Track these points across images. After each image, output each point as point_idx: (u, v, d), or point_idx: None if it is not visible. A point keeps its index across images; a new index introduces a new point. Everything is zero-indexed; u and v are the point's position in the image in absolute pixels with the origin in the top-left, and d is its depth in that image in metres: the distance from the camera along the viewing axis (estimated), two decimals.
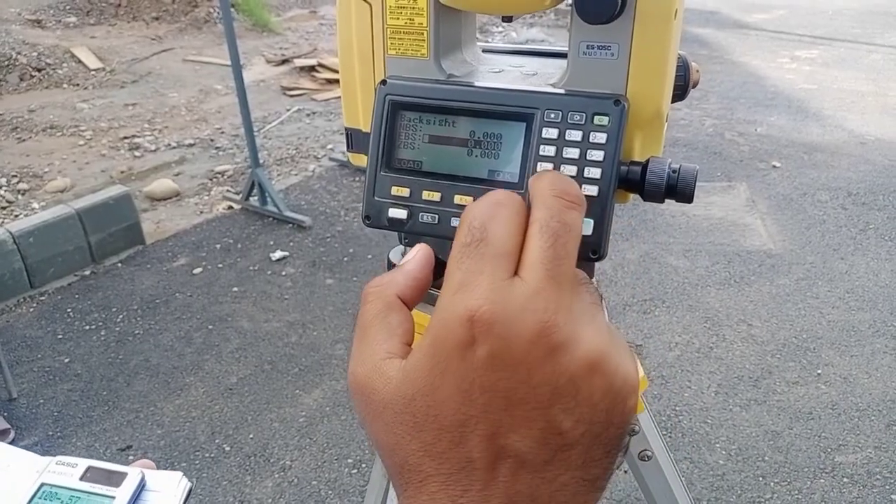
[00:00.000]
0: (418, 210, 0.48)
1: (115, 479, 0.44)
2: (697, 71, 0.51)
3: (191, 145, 4.57)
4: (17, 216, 3.61)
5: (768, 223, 3.53)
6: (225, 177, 4.15)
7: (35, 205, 3.76)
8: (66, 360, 2.65)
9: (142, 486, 0.44)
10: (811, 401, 2.42)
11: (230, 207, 3.78)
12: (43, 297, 3.02)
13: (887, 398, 2.42)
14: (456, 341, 0.31)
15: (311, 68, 5.94)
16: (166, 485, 0.44)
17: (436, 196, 0.48)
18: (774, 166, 4.14)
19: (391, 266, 0.58)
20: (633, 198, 0.50)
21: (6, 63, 5.44)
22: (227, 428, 2.34)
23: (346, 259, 3.27)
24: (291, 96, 5.47)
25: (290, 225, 3.54)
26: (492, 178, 0.47)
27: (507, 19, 0.51)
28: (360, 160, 0.58)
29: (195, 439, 2.30)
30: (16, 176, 4.04)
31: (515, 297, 0.31)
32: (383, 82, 0.50)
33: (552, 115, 0.45)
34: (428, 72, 0.52)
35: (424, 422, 0.32)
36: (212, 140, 4.65)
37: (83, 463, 0.45)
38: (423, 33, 0.51)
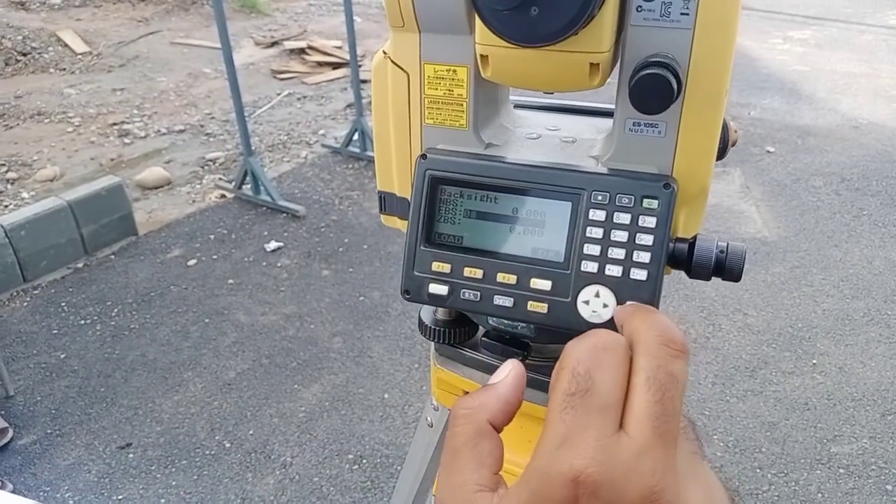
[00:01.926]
0: (460, 287, 0.47)
1: None
2: (736, 131, 0.51)
3: (181, 131, 4.52)
4: (6, 206, 3.57)
5: (762, 210, 3.54)
6: (216, 164, 4.11)
7: (25, 194, 3.71)
8: (63, 356, 2.63)
9: None
10: (807, 391, 2.44)
11: (223, 196, 3.75)
12: (36, 291, 2.99)
13: (881, 388, 2.44)
14: (558, 501, 0.30)
15: (301, 50, 5.87)
16: None
17: (478, 273, 0.47)
18: (768, 151, 4.14)
19: (422, 325, 0.57)
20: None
21: None
22: (226, 424, 2.34)
23: (341, 249, 3.26)
24: (281, 80, 5.41)
25: (284, 214, 3.52)
26: (535, 255, 0.46)
27: (549, 92, 0.49)
28: (393, 223, 0.57)
29: (195, 436, 2.30)
30: (4, 165, 3.99)
31: (622, 458, 0.30)
32: (423, 156, 0.49)
33: (599, 197, 0.44)
34: (467, 142, 0.51)
35: None
36: (202, 126, 4.60)
37: None
38: (462, 104, 0.50)
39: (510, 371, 0.36)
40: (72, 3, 6.58)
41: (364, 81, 4.44)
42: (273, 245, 3.27)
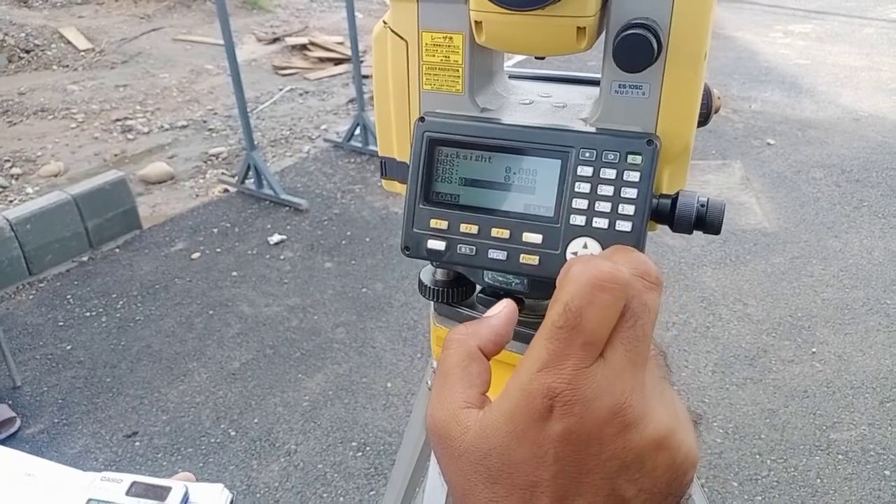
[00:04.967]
0: (456, 242, 0.50)
1: (160, 493, 0.45)
2: (719, 98, 0.53)
3: (184, 127, 4.55)
4: (11, 201, 3.59)
5: (763, 201, 3.55)
6: (219, 159, 4.13)
7: (29, 189, 3.74)
8: (69, 348, 2.66)
9: (186, 500, 0.45)
10: (806, 379, 2.46)
11: (226, 190, 3.77)
12: (42, 284, 3.02)
13: (880, 375, 2.46)
14: (536, 414, 0.33)
15: (303, 46, 5.90)
16: (209, 496, 0.45)
17: (473, 229, 0.49)
18: (769, 143, 4.15)
19: (422, 286, 0.59)
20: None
21: None
22: (231, 413, 2.37)
23: (343, 242, 3.28)
24: (283, 75, 5.44)
25: (287, 208, 3.55)
26: (527, 211, 0.49)
27: (540, 58, 0.52)
28: (393, 187, 0.59)
29: (200, 424, 2.33)
30: (9, 160, 4.02)
31: (597, 381, 0.32)
32: (421, 119, 0.51)
33: (587, 154, 0.47)
34: (463, 107, 0.53)
35: (498, 476, 0.34)
36: (204, 121, 4.62)
37: (128, 478, 0.46)
38: (458, 70, 0.52)
39: (504, 307, 0.39)
40: (74, 1, 6.61)
41: (366, 77, 4.47)
42: (276, 238, 3.30)
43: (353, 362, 2.57)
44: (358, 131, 4.13)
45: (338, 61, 5.60)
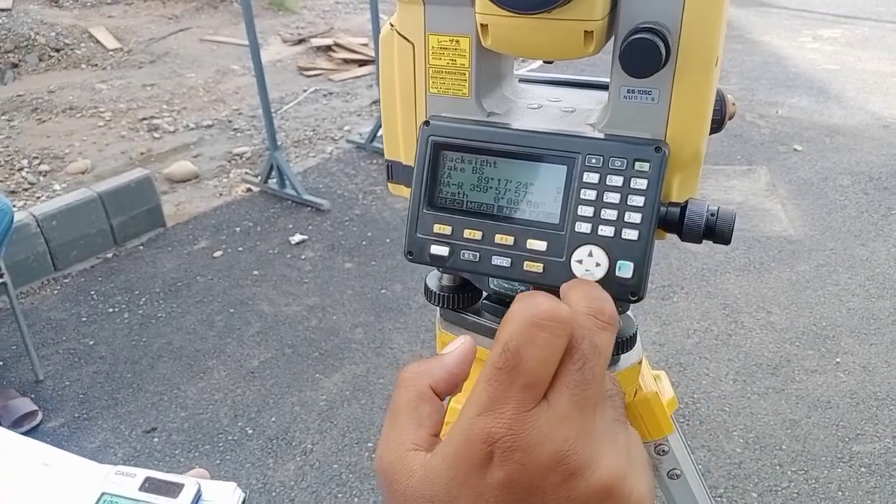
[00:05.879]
0: (460, 248, 0.49)
1: (172, 489, 0.45)
2: (734, 104, 0.52)
3: (209, 126, 4.59)
4: (38, 198, 3.65)
5: (789, 208, 3.50)
6: (243, 159, 4.16)
7: (56, 186, 3.80)
8: (91, 343, 2.70)
9: (198, 497, 0.45)
10: (829, 389, 2.42)
11: (249, 190, 3.80)
12: (66, 280, 3.06)
13: None
14: (476, 460, 0.32)
15: (328, 48, 5.92)
16: (221, 494, 0.45)
17: (477, 234, 0.48)
18: (795, 150, 4.10)
19: (428, 291, 0.59)
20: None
21: (25, 43, 5.46)
22: (249, 411, 2.38)
23: (364, 243, 3.29)
24: (308, 76, 5.47)
25: (309, 208, 3.56)
26: (532, 217, 0.48)
27: (548, 62, 0.51)
28: (399, 190, 0.59)
29: (218, 422, 2.34)
30: (37, 157, 4.08)
31: (538, 426, 0.31)
32: (426, 123, 0.50)
33: (593, 161, 0.46)
34: (469, 110, 0.52)
35: None
36: (229, 121, 4.66)
37: (141, 473, 0.46)
38: (464, 73, 0.51)
39: (460, 345, 0.38)
40: (104, 1, 6.70)
41: None
42: (297, 238, 3.32)
43: (370, 363, 2.57)
44: (381, 133, 4.13)
45: (362, 62, 5.62)
